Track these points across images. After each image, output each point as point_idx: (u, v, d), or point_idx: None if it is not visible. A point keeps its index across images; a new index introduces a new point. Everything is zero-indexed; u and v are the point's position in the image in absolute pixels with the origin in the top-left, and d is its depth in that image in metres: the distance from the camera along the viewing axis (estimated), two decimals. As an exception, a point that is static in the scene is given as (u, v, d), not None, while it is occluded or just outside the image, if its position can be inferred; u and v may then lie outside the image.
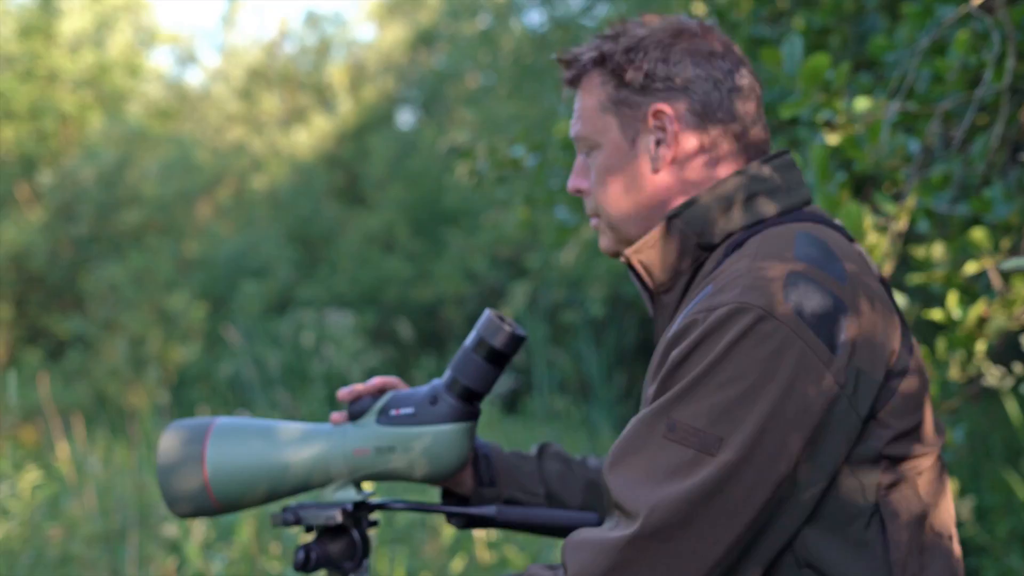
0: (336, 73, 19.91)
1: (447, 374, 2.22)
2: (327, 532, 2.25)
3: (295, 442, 2.23)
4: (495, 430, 9.68)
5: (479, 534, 5.20)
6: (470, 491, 2.39)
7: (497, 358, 2.19)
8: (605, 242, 2.20)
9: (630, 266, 2.11)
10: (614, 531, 1.82)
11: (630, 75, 2.08)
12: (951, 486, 1.99)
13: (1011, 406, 5.52)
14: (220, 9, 33.93)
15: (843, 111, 3.09)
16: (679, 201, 2.08)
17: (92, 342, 14.11)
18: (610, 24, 2.17)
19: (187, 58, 22.20)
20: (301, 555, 2.21)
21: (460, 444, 2.21)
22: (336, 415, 2.27)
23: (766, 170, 2.06)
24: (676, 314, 2.06)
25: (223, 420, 2.27)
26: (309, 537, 3.88)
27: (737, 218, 2.03)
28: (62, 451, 6.82)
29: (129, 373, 13.38)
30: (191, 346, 13.95)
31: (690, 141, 2.07)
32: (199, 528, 5.19)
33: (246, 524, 5.04)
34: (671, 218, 2.04)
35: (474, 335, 2.20)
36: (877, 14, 4.72)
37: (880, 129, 3.02)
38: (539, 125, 9.19)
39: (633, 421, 1.88)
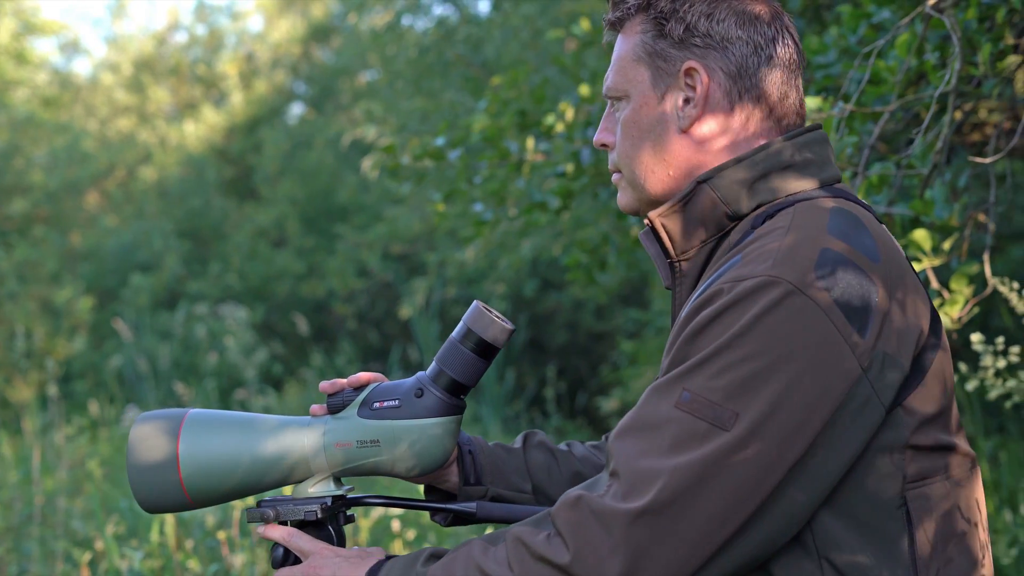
0: (227, 66, 19.69)
1: (433, 366, 2.15)
2: (302, 527, 2.17)
3: (272, 436, 2.15)
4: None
5: (396, 529, 5.14)
6: (455, 488, 2.32)
7: (486, 351, 2.13)
8: (624, 199, 2.14)
9: (652, 230, 2.04)
10: (620, 502, 1.76)
11: (671, 25, 2.02)
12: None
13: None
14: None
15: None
16: (704, 165, 2.02)
17: (-25, 335, 13.81)
18: None
19: (72, 47, 21.79)
20: (280, 551, 2.14)
21: (446, 438, 2.14)
22: (316, 408, 2.19)
23: (800, 143, 2.01)
24: (697, 284, 2.00)
25: (195, 413, 2.18)
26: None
27: (769, 189, 1.97)
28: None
29: (13, 366, 13.10)
30: (77, 339, 13.70)
31: (720, 104, 2.02)
32: (109, 524, 5.08)
33: (162, 520, 4.94)
34: (700, 182, 1.98)
35: (462, 327, 2.13)
36: (801, 18, 4.78)
37: (831, 128, 3.03)
38: (445, 121, 9.16)
39: (647, 389, 1.84)
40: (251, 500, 4.47)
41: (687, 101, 2.02)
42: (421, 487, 2.41)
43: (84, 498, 6.38)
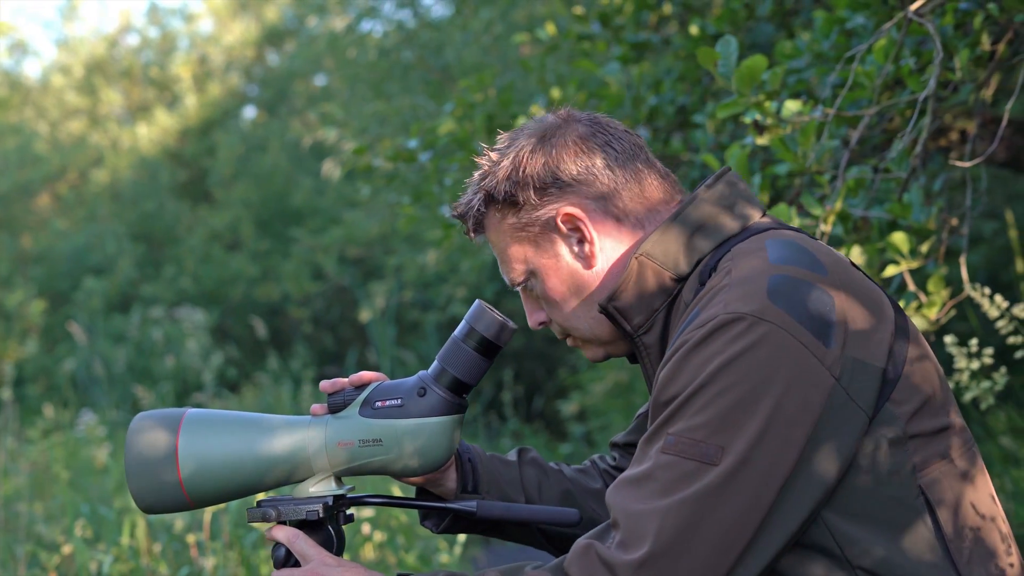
0: (180, 68, 19.55)
1: (435, 365, 2.16)
2: (302, 527, 2.16)
3: (273, 435, 2.14)
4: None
5: (366, 532, 5.12)
6: (449, 494, 2.35)
7: (488, 349, 2.14)
8: (590, 353, 2.24)
9: (608, 316, 2.11)
10: (623, 553, 1.81)
11: (521, 196, 2.11)
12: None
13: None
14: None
15: (771, 113, 3.11)
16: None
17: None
18: (477, 163, 2.19)
19: (21, 49, 21.56)
20: (282, 551, 2.13)
21: (449, 437, 2.15)
22: (317, 407, 2.19)
23: (715, 192, 2.09)
24: (664, 349, 2.07)
25: (194, 412, 2.16)
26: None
27: (702, 243, 2.05)
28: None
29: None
30: (29, 343, 13.58)
31: (607, 222, 2.11)
32: (76, 527, 5.03)
33: (133, 524, 4.90)
34: (638, 256, 2.05)
35: (464, 325, 2.15)
36: (768, 23, 4.80)
37: (812, 131, 3.05)
38: (404, 125, 9.15)
39: (638, 445, 1.91)
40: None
41: (580, 242, 2.12)
42: (413, 491, 2.42)
43: (45, 502, 6.32)
